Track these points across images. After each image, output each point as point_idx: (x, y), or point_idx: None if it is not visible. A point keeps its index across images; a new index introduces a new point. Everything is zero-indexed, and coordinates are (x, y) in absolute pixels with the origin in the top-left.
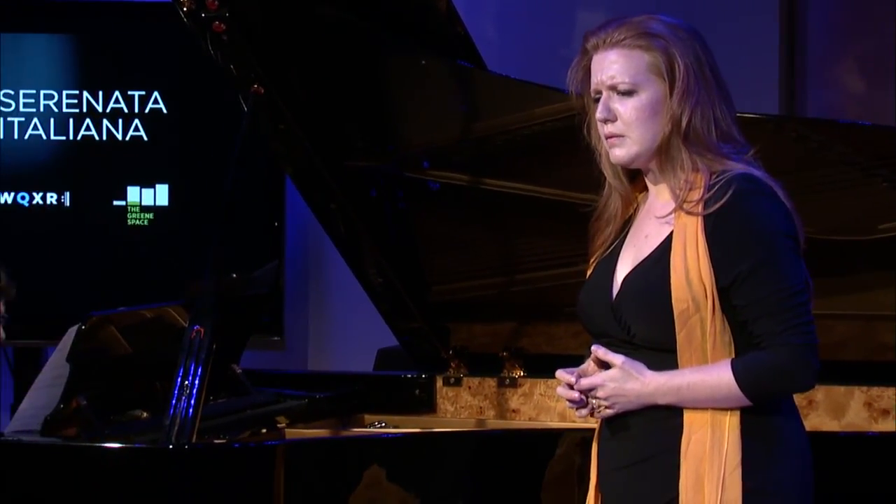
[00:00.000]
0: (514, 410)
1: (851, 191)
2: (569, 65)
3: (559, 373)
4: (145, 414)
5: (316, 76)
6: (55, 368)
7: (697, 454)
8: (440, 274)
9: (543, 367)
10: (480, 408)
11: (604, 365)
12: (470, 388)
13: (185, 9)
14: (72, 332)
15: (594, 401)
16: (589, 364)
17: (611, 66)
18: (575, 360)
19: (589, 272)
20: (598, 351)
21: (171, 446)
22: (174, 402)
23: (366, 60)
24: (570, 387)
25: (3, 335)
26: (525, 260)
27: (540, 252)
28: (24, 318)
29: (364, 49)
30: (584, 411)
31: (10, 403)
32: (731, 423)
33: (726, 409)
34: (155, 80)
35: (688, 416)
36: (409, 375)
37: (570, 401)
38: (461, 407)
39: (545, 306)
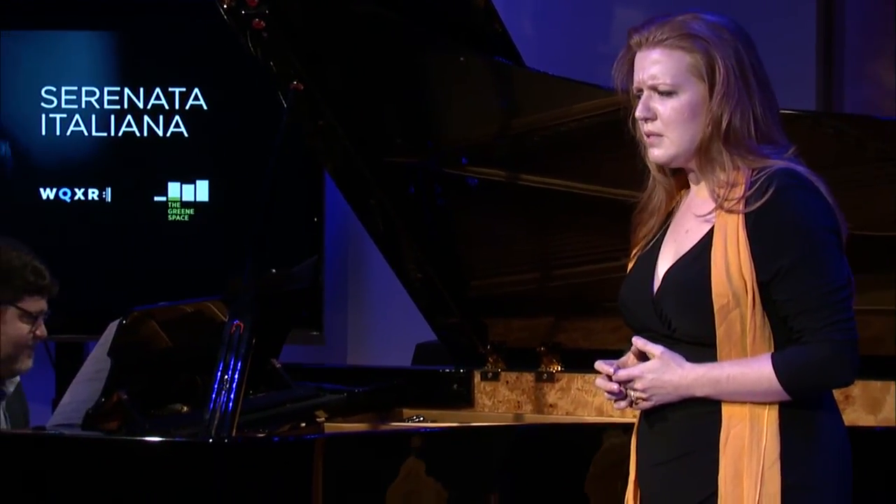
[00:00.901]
0: (551, 405)
1: (889, 186)
2: (607, 61)
3: (598, 364)
4: (185, 408)
5: (355, 73)
6: (96, 363)
7: (736, 449)
8: (478, 269)
9: (581, 362)
10: (518, 402)
11: (643, 357)
12: (507, 382)
13: (225, 6)
14: (113, 326)
15: (632, 392)
16: (629, 356)
17: (652, 65)
18: (612, 355)
19: (630, 265)
20: (638, 342)
21: (210, 440)
22: (214, 396)
23: (405, 57)
24: (609, 378)
25: (44, 330)
26: (562, 255)
27: (577, 248)
28: (66, 312)
29: (403, 46)
30: (622, 403)
31: (52, 397)
32: (769, 418)
33: (765, 404)
34: (195, 76)
35: (726, 411)
36: (448, 370)
37: (609, 392)
38: (499, 401)
39: (582, 301)
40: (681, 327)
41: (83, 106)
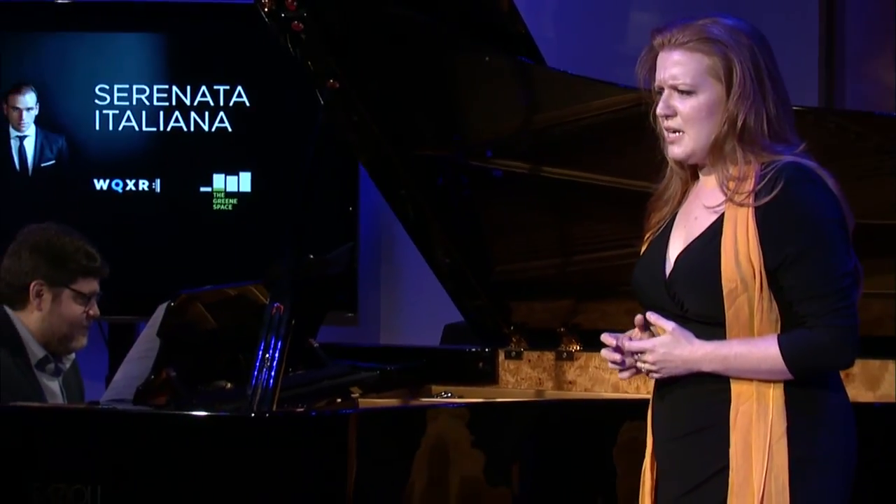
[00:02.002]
0: (570, 382)
1: (887, 178)
2: (623, 60)
3: (604, 336)
4: (229, 384)
5: (387, 71)
6: (146, 342)
7: (745, 425)
8: (502, 255)
9: (598, 342)
10: (539, 379)
11: (647, 329)
12: (530, 361)
13: (266, 10)
14: (162, 308)
15: (642, 364)
16: (635, 330)
17: (673, 66)
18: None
19: (643, 248)
20: (652, 317)
21: (252, 414)
22: (256, 373)
23: (434, 57)
24: (616, 350)
25: (97, 310)
26: (581, 242)
27: (594, 235)
28: (118, 295)
29: (432, 46)
30: (625, 374)
31: (105, 374)
32: (775, 396)
33: (770, 383)
34: (238, 75)
35: (735, 390)
36: (474, 349)
37: (613, 362)
38: (521, 378)
39: (599, 285)
40: (692, 308)
41: (134, 103)
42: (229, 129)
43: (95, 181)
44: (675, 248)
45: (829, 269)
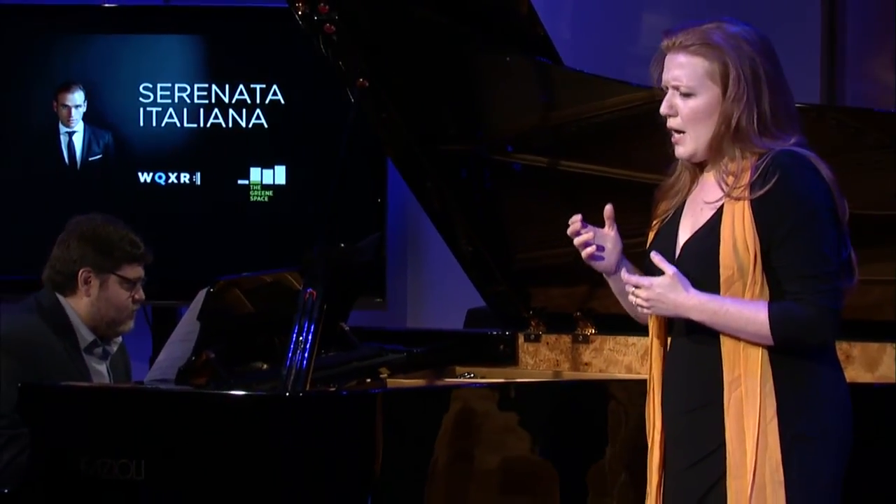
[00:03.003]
0: (586, 363)
1: (885, 171)
2: (635, 60)
3: (575, 220)
4: (265, 365)
5: (414, 71)
6: (187, 325)
7: (738, 410)
8: (522, 244)
9: (612, 326)
10: (557, 361)
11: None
12: (548, 343)
13: (300, 13)
14: (202, 294)
15: (634, 297)
16: (606, 227)
17: (676, 68)
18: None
19: (652, 234)
20: (655, 258)
21: (287, 393)
22: (290, 355)
23: (458, 57)
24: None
25: (142, 295)
26: None
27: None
28: (161, 281)
29: (456, 48)
30: (588, 250)
31: (149, 355)
32: (764, 379)
33: (759, 367)
34: (274, 74)
35: (727, 378)
36: (495, 333)
37: (579, 244)
38: (540, 360)
39: None
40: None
41: (176, 100)
42: (265, 126)
43: (140, 174)
44: (683, 235)
45: (815, 251)
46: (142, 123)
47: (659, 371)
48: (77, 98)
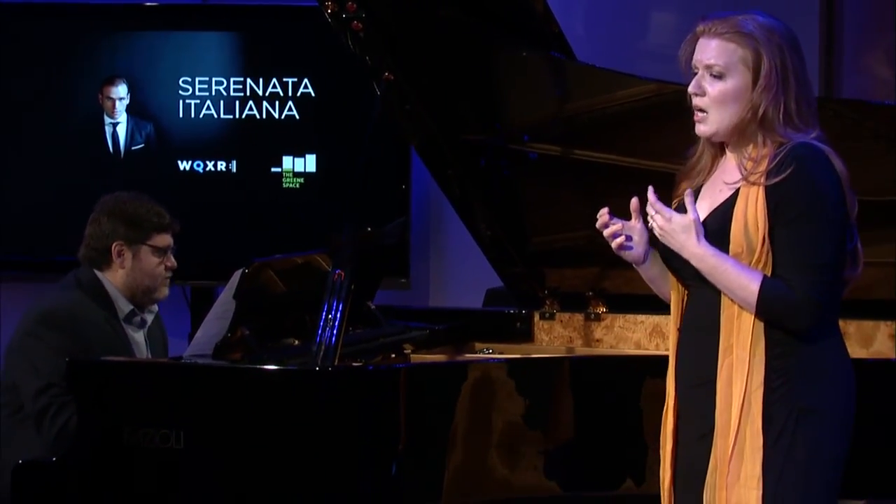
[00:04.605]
0: (597, 340)
1: (880, 159)
2: (645, 55)
3: (603, 212)
4: (296, 342)
5: (436, 66)
6: (224, 304)
7: (728, 374)
8: (537, 228)
9: (622, 305)
10: (570, 338)
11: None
12: (561, 321)
13: (329, 11)
14: (237, 274)
15: (651, 219)
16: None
17: (711, 50)
18: (649, 299)
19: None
20: (688, 199)
21: (317, 368)
22: (320, 332)
23: (477, 53)
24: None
25: (174, 262)
26: None
27: (619, 209)
28: (198, 263)
29: (476, 43)
30: (618, 240)
31: (188, 332)
32: (756, 352)
33: (748, 339)
34: (305, 69)
35: (723, 340)
36: (512, 311)
37: (608, 236)
38: (554, 337)
39: None
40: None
41: (213, 93)
42: (297, 117)
43: (179, 162)
44: (700, 213)
45: (815, 242)
46: (181, 115)
47: (674, 345)
48: (121, 91)
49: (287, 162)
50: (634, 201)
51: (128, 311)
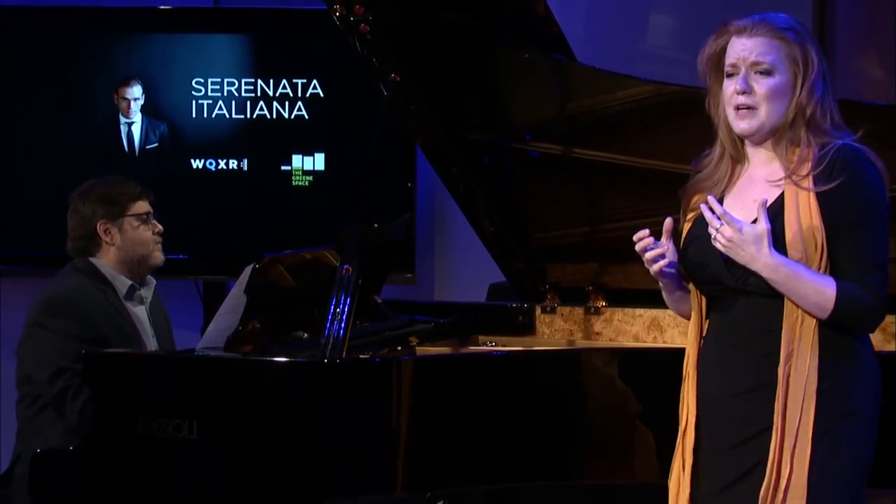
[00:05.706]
0: (597, 333)
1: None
2: (644, 57)
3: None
4: (306, 335)
5: (441, 67)
6: (235, 298)
7: (793, 382)
8: (539, 224)
9: (621, 299)
10: (570, 331)
11: (672, 239)
12: (562, 315)
13: (337, 14)
14: (248, 269)
15: (714, 230)
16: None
17: (755, 47)
18: (648, 294)
19: (688, 225)
20: (760, 208)
21: (326, 360)
22: (328, 325)
23: (481, 54)
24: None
25: (159, 226)
26: (607, 213)
27: (618, 207)
28: (210, 258)
29: (479, 45)
30: (661, 263)
31: (200, 325)
32: (812, 354)
33: (807, 350)
34: (314, 70)
35: (784, 346)
36: (514, 305)
37: (645, 249)
38: (555, 330)
39: (622, 250)
40: (755, 281)
41: (225, 94)
42: (306, 117)
43: (192, 161)
44: (738, 216)
45: (877, 244)
46: (194, 115)
47: (695, 360)
48: (136, 91)
49: (296, 160)
50: (668, 221)
51: (126, 288)
